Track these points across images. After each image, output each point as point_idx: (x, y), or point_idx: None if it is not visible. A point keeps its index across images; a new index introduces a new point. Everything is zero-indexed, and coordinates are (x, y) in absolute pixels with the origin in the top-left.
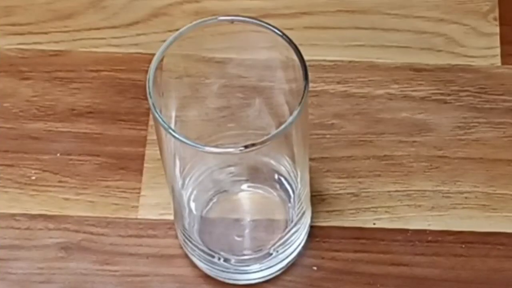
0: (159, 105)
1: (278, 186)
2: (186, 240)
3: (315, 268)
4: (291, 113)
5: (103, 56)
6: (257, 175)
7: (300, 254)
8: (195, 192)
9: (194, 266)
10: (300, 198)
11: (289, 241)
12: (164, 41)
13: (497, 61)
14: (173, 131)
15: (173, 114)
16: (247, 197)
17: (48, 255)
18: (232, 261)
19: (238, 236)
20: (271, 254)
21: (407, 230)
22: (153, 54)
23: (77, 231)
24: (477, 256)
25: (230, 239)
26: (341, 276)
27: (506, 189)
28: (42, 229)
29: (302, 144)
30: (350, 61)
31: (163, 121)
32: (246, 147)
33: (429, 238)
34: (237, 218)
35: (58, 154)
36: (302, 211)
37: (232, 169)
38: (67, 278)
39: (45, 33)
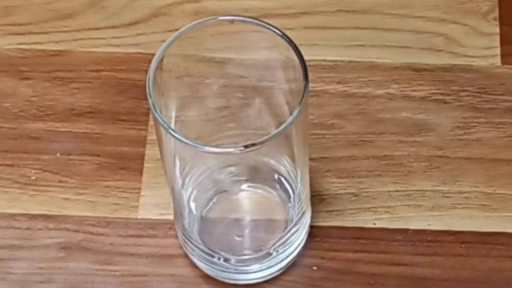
0: (159, 105)
1: (278, 186)
2: (186, 240)
3: (315, 268)
4: (291, 113)
5: (103, 56)
6: (257, 175)
7: (300, 254)
8: (195, 192)
9: (194, 266)
10: (300, 198)
11: (289, 241)
12: (164, 41)
13: (497, 61)
14: (173, 131)
15: (173, 114)
16: (247, 197)
17: (48, 255)
18: (232, 261)
19: (238, 236)
20: (271, 254)
21: (407, 230)
22: (153, 54)
23: (77, 231)
24: (477, 256)
25: (230, 239)
26: (341, 276)
27: (506, 189)
28: (42, 229)
29: (302, 144)
30: (350, 61)
31: (163, 121)
32: (246, 147)
33: (429, 238)
34: (237, 218)
35: (58, 154)
36: (302, 211)
37: (232, 169)
38: (67, 278)
39: (45, 33)
